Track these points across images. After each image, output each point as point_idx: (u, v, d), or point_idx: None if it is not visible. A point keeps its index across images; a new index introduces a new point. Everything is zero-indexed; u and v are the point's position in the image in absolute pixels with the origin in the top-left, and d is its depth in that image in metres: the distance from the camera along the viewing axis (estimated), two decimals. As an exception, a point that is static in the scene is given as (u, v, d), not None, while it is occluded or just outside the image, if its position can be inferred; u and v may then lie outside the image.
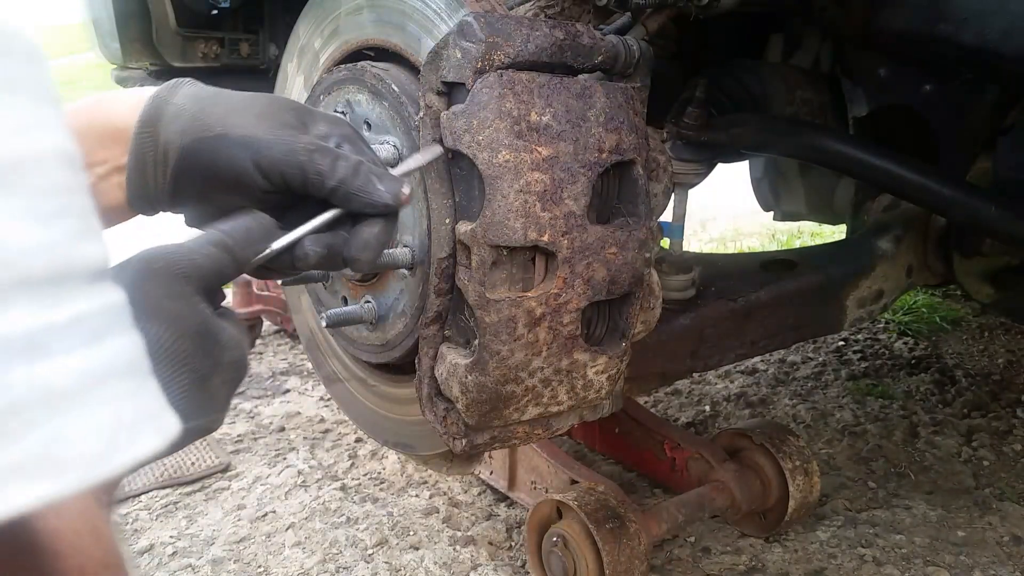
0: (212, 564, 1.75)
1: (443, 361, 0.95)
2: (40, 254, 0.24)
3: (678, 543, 1.75)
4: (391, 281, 1.08)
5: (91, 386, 0.25)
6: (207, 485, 2.10)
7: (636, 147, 0.91)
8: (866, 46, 1.58)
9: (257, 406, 2.63)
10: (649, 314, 1.10)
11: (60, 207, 0.25)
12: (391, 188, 0.68)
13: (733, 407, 2.41)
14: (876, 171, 1.37)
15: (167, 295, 0.53)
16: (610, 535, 1.41)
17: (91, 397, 0.24)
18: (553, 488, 1.67)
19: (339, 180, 0.66)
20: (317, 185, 0.67)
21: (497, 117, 0.82)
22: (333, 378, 1.41)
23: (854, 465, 2.05)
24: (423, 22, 1.00)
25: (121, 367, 0.26)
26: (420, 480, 2.05)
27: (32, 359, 0.23)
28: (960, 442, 2.14)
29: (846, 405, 2.38)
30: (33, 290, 0.23)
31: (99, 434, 0.24)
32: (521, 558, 1.70)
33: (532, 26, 0.87)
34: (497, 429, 0.97)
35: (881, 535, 1.74)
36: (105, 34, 1.92)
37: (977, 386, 2.48)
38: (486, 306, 0.87)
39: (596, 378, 0.97)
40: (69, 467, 0.23)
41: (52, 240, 0.24)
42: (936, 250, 1.86)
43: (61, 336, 0.24)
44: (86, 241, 0.26)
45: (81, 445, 0.24)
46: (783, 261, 1.73)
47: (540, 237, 0.85)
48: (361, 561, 1.73)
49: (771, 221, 2.49)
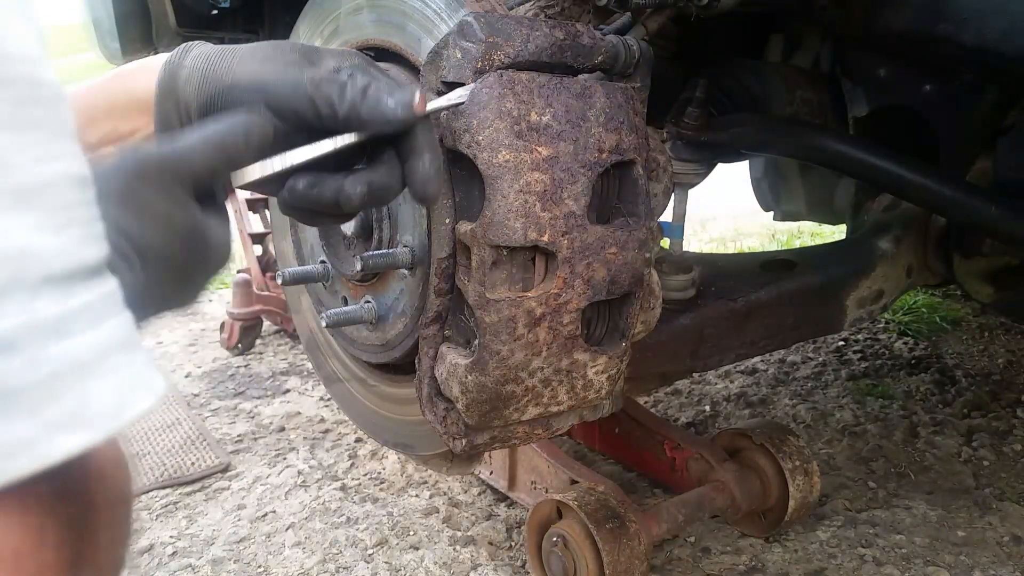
0: (212, 564, 1.75)
1: (443, 361, 0.95)
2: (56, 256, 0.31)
3: (678, 543, 1.75)
4: (391, 281, 1.08)
5: (102, 358, 0.32)
6: (207, 485, 2.10)
7: (636, 147, 0.91)
8: (866, 46, 1.58)
9: (257, 406, 2.63)
10: (649, 314, 1.10)
11: (69, 219, 0.32)
12: (401, 99, 0.68)
13: (733, 407, 2.41)
14: (876, 171, 1.37)
15: (160, 198, 0.55)
16: (610, 535, 1.41)
17: (103, 367, 0.32)
18: (553, 488, 1.67)
19: (349, 105, 0.67)
20: (330, 116, 0.67)
21: (497, 117, 0.82)
22: (333, 378, 1.41)
23: (854, 465, 2.05)
24: (423, 22, 1.00)
25: (120, 342, 0.33)
26: (420, 480, 2.05)
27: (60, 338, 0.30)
28: (960, 442, 2.14)
29: (846, 405, 2.38)
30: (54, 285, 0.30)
31: (112, 395, 0.32)
32: (521, 558, 1.70)
33: (532, 26, 0.87)
34: (497, 429, 0.97)
35: (881, 535, 1.74)
36: (105, 34, 1.92)
37: (977, 386, 2.48)
38: (486, 306, 0.87)
39: (596, 378, 0.97)
40: (96, 421, 0.31)
41: (64, 245, 0.31)
42: (936, 250, 1.86)
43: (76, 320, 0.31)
44: (89, 245, 0.33)
45: (102, 404, 0.31)
46: (783, 261, 1.73)
47: (540, 237, 0.85)
48: (361, 561, 1.73)
49: (771, 221, 2.49)
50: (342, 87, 0.67)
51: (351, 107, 0.67)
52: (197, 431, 2.41)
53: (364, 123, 0.68)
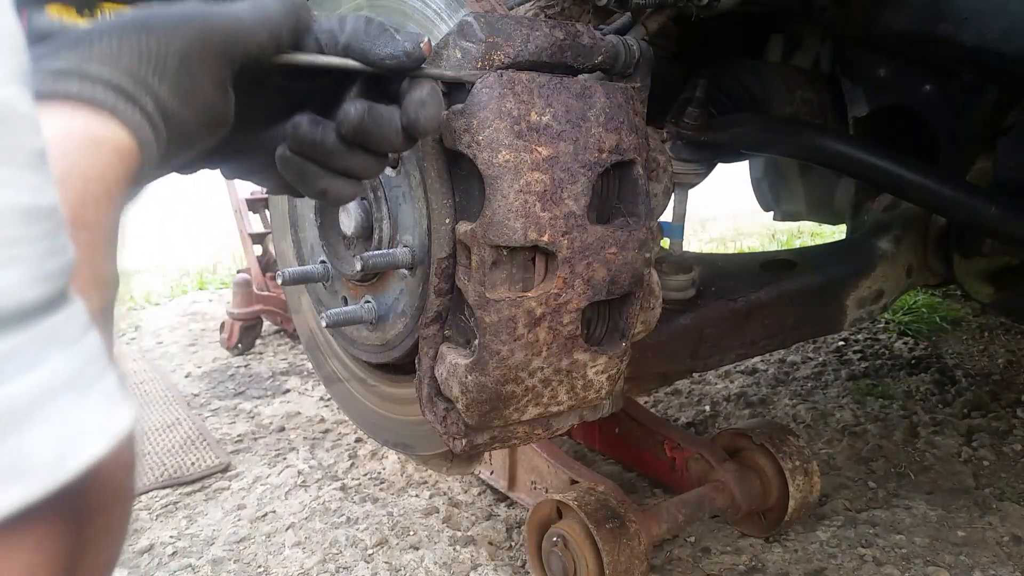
0: (212, 564, 1.75)
1: (443, 361, 0.95)
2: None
3: (678, 543, 1.75)
4: (391, 281, 1.08)
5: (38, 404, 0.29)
6: (207, 485, 2.10)
7: (636, 147, 0.91)
8: (866, 46, 1.58)
9: (257, 406, 2.63)
10: (649, 314, 1.10)
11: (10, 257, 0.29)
12: (409, 38, 0.68)
13: (733, 407, 2.42)
14: (876, 171, 1.37)
15: (210, 84, 0.56)
16: (610, 535, 1.41)
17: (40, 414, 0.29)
18: (553, 488, 1.67)
19: (350, 34, 0.67)
20: (331, 46, 0.67)
21: (497, 117, 0.82)
22: (333, 378, 1.41)
23: (854, 465, 2.05)
24: (423, 22, 1.00)
25: (64, 382, 0.30)
26: (420, 480, 2.05)
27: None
28: (960, 442, 2.14)
29: (846, 405, 2.39)
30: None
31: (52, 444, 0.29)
32: (521, 558, 1.70)
33: (532, 26, 0.87)
34: (497, 429, 0.97)
35: (881, 535, 1.74)
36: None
37: (977, 386, 2.48)
38: (486, 306, 0.87)
39: (596, 378, 0.97)
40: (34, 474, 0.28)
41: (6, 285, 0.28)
42: (936, 250, 1.86)
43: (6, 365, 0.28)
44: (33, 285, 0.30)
45: (40, 455, 0.28)
46: (783, 261, 1.73)
47: (540, 237, 0.85)
48: (361, 561, 1.73)
49: (771, 221, 2.49)
50: (342, 19, 0.68)
51: (352, 37, 0.67)
52: (197, 431, 2.41)
53: (365, 54, 0.68)
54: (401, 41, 0.68)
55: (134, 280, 4.48)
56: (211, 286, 4.25)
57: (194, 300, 3.96)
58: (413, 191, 0.99)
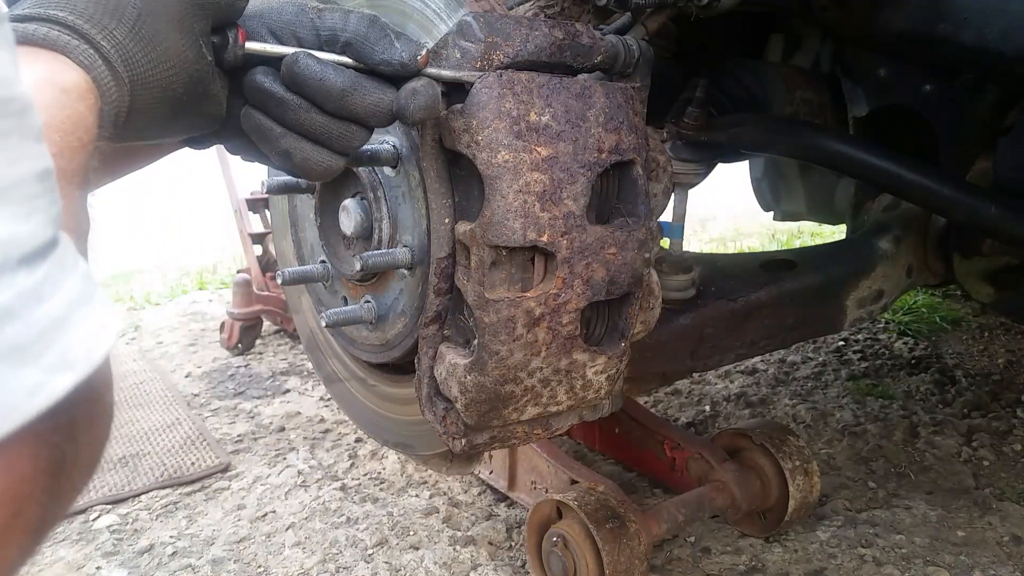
0: (212, 564, 1.75)
1: (442, 361, 0.95)
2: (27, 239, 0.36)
3: (678, 543, 1.75)
4: (391, 281, 1.08)
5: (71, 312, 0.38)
6: (207, 485, 2.10)
7: (636, 147, 0.91)
8: (866, 46, 1.58)
9: (257, 406, 2.63)
10: (649, 314, 1.10)
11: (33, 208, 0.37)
12: (408, 47, 0.69)
13: (733, 407, 2.41)
14: (876, 171, 1.37)
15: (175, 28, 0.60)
16: (610, 535, 1.41)
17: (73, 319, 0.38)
18: (553, 488, 1.67)
19: (352, 32, 0.68)
20: (331, 41, 0.69)
21: (496, 117, 0.82)
22: (333, 378, 1.41)
23: (854, 465, 2.05)
24: (423, 22, 1.00)
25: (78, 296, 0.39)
26: (420, 480, 2.05)
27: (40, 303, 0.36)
28: (960, 442, 2.14)
29: (846, 405, 2.38)
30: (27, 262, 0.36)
31: (84, 341, 0.38)
32: (521, 558, 1.70)
33: (531, 26, 0.87)
34: (496, 429, 0.97)
35: (881, 535, 1.74)
36: None
37: (977, 386, 2.48)
38: (485, 306, 0.86)
39: (595, 378, 0.97)
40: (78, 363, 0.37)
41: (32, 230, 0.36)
42: (936, 250, 1.85)
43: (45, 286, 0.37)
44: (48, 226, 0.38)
45: (79, 349, 0.37)
46: (783, 261, 1.73)
47: (539, 237, 0.85)
48: (361, 561, 1.73)
49: (771, 221, 2.49)
50: (346, 15, 0.69)
51: (354, 35, 0.68)
52: (197, 431, 2.41)
53: (363, 54, 0.69)
54: (399, 50, 0.69)
55: (134, 280, 4.48)
56: (211, 286, 4.26)
57: (194, 300, 3.96)
58: (413, 191, 0.99)
